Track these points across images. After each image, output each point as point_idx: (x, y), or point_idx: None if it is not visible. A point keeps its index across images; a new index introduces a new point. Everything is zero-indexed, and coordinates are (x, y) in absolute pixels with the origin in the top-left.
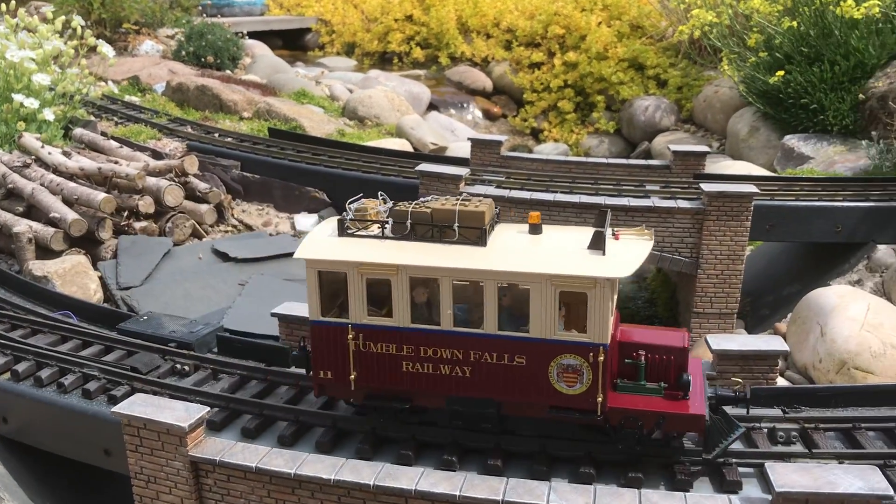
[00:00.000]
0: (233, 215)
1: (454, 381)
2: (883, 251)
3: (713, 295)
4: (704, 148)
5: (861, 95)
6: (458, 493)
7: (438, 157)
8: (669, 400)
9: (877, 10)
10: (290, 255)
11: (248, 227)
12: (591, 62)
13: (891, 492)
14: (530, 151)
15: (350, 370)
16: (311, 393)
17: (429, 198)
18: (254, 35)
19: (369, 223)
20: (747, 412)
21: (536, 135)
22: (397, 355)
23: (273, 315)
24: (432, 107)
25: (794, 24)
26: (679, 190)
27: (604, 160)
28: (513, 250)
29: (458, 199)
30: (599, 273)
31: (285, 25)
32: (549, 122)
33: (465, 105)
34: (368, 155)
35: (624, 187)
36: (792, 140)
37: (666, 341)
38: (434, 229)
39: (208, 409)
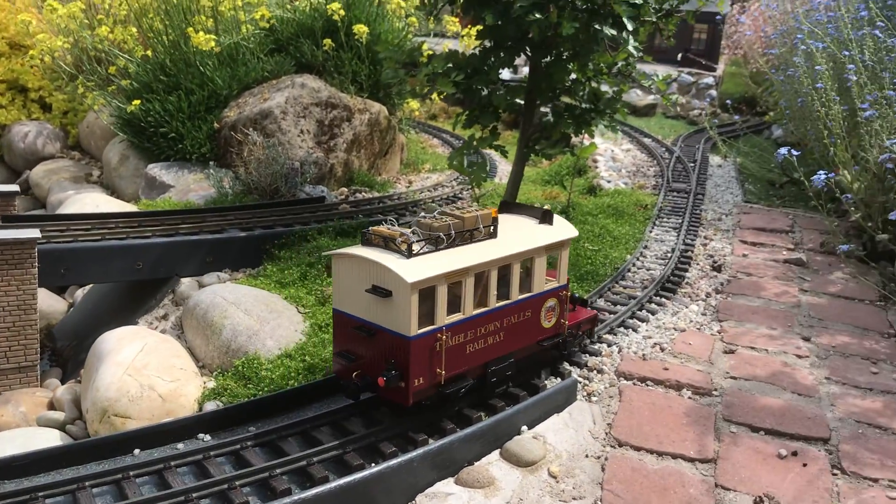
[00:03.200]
0: None
1: (493, 348)
2: (186, 284)
3: (8, 349)
4: (13, 188)
5: (216, 124)
6: None
7: None
8: (574, 312)
9: (213, 44)
10: None
11: None
12: None
13: None
14: None
15: (441, 367)
16: None
17: (423, 215)
18: None
19: (413, 242)
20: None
21: None
22: (464, 342)
23: None
24: None
25: (149, 52)
26: None
27: None
28: (513, 235)
29: (456, 209)
30: (567, 236)
31: None
32: None
33: None
34: None
35: None
36: (154, 169)
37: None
38: (466, 234)
39: None
